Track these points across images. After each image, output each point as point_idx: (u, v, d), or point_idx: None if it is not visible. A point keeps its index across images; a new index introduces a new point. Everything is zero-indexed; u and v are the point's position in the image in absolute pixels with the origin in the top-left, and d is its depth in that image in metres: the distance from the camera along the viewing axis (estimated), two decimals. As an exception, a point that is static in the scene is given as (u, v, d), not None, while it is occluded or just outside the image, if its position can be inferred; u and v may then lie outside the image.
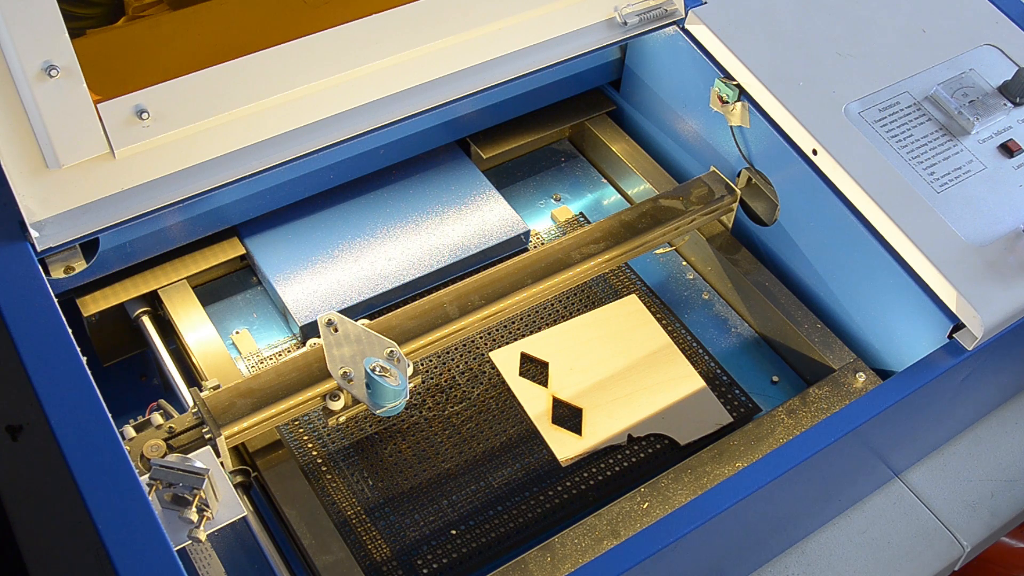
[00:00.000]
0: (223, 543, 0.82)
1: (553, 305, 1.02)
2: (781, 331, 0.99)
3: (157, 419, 0.82)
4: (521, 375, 0.95)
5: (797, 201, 0.98)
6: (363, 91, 0.91)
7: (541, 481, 0.89)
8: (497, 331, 0.99)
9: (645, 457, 0.90)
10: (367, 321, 0.87)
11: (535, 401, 0.93)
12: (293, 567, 0.81)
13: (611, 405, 0.93)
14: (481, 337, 0.98)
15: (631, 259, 0.99)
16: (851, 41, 1.01)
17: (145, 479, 0.72)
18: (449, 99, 0.95)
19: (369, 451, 0.90)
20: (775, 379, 0.98)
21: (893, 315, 0.92)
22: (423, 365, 0.96)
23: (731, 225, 1.05)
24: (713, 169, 1.04)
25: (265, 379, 0.83)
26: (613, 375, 0.95)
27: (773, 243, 1.02)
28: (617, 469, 0.89)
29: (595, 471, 0.89)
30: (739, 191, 1.02)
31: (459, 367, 0.96)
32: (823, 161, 0.93)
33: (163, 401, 0.87)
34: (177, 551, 0.66)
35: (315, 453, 0.89)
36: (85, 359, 0.74)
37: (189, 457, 0.75)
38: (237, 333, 0.97)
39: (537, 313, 1.01)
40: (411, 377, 0.86)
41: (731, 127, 1.02)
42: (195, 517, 0.73)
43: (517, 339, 0.98)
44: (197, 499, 0.73)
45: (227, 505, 0.76)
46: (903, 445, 0.94)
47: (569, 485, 0.88)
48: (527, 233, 1.04)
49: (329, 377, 0.83)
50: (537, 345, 0.98)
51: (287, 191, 1.01)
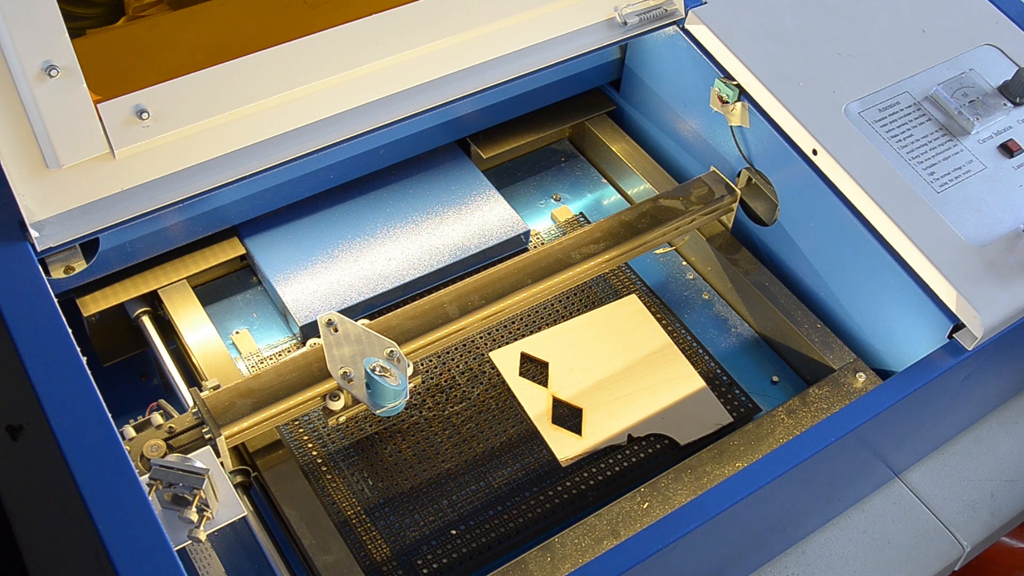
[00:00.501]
0: (223, 543, 0.82)
1: (553, 305, 1.02)
2: (781, 331, 0.99)
3: (157, 419, 0.82)
4: (521, 375, 0.95)
5: (797, 201, 0.98)
6: (363, 91, 0.91)
7: (541, 481, 0.89)
8: (497, 331, 0.99)
9: (645, 457, 0.90)
10: (367, 321, 0.87)
11: (535, 401, 0.93)
12: (293, 567, 0.81)
13: (611, 405, 0.93)
14: (481, 337, 0.98)
15: (631, 259, 0.99)
16: (851, 41, 1.01)
17: (145, 479, 0.72)
18: (449, 99, 0.95)
19: (369, 451, 0.90)
20: (775, 379, 0.98)
21: (893, 315, 0.92)
22: (423, 365, 0.96)
23: (731, 225, 1.05)
24: (713, 169, 1.04)
25: (265, 379, 0.83)
26: (613, 375, 0.95)
27: (773, 243, 1.02)
28: (617, 469, 0.89)
29: (595, 471, 0.89)
30: (739, 191, 1.02)
31: (459, 367, 0.96)
32: (823, 161, 0.93)
33: (163, 401, 0.87)
34: (177, 551, 0.66)
35: (315, 453, 0.89)
36: (85, 359, 0.74)
37: (189, 457, 0.75)
38: (237, 333, 0.98)
39: (537, 313, 1.01)
40: (411, 377, 0.86)
41: (731, 127, 1.02)
42: (195, 517, 0.73)
43: (517, 339, 0.98)
44: (197, 499, 0.73)
45: (227, 505, 0.76)
46: (903, 445, 0.94)
47: (569, 485, 0.88)
48: (527, 233, 1.04)
49: (329, 377, 0.83)
50: (537, 345, 0.98)
51: (287, 191, 1.01)
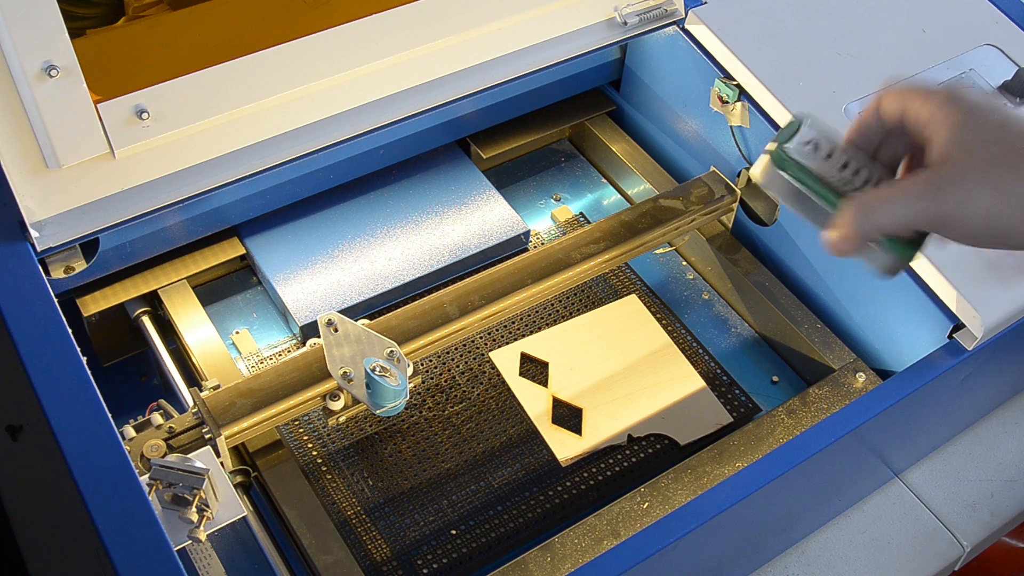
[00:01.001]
0: (223, 543, 0.82)
1: (553, 305, 1.02)
2: (781, 331, 0.99)
3: (157, 419, 0.82)
4: (521, 375, 0.95)
5: (797, 201, 0.98)
6: (363, 91, 0.91)
7: (541, 481, 0.89)
8: (497, 331, 0.99)
9: (645, 457, 0.90)
10: (367, 321, 0.87)
11: (535, 401, 0.93)
12: (293, 567, 0.81)
13: (611, 405, 0.93)
14: (481, 337, 0.98)
15: (631, 259, 0.99)
16: (851, 41, 1.01)
17: (145, 479, 0.72)
18: (449, 99, 0.95)
19: (369, 451, 0.90)
20: (775, 379, 0.98)
21: (893, 315, 0.92)
22: (423, 365, 0.96)
23: (731, 225, 1.05)
24: (713, 169, 1.04)
25: (265, 379, 0.83)
26: (613, 375, 0.95)
27: (773, 243, 1.02)
28: (617, 469, 0.89)
29: (595, 471, 0.89)
30: (739, 191, 1.02)
31: (459, 367, 0.96)
32: (823, 161, 0.93)
33: (163, 401, 0.87)
34: (177, 551, 0.66)
35: (315, 453, 0.89)
36: (85, 359, 0.74)
37: (189, 457, 0.75)
38: (237, 333, 0.98)
39: (537, 313, 1.01)
40: (411, 377, 0.86)
41: (731, 127, 1.02)
42: (195, 517, 0.73)
43: (517, 339, 0.98)
44: (197, 499, 0.73)
45: (227, 505, 0.76)
46: (903, 445, 0.94)
47: (569, 485, 0.88)
48: (527, 233, 1.04)
49: (329, 377, 0.83)
50: (537, 345, 0.98)
51: (287, 191, 1.01)
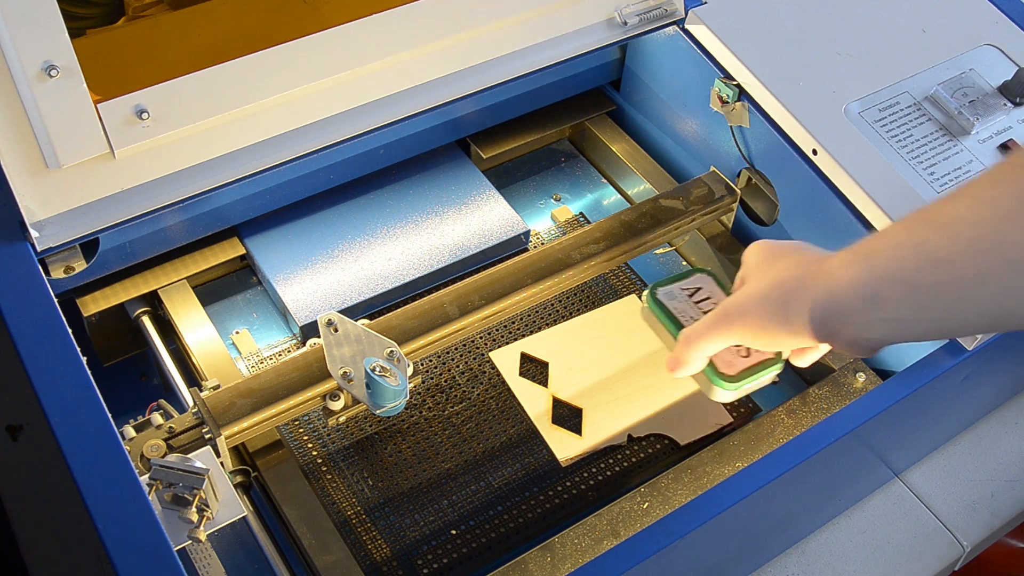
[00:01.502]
0: (223, 543, 0.82)
1: (553, 305, 1.02)
2: (781, 331, 0.98)
3: (157, 419, 0.82)
4: (521, 375, 0.95)
5: (797, 201, 0.98)
6: (363, 91, 0.91)
7: (541, 481, 0.89)
8: (497, 331, 0.99)
9: (645, 457, 0.90)
10: (367, 321, 0.87)
11: (535, 401, 0.93)
12: (293, 567, 0.81)
13: (611, 405, 0.93)
14: (481, 337, 0.98)
15: (631, 259, 0.99)
16: (851, 41, 1.01)
17: (145, 479, 0.72)
18: (449, 99, 0.95)
19: (369, 451, 0.90)
20: (775, 379, 0.98)
21: (893, 315, 0.92)
22: (423, 365, 0.96)
23: (731, 225, 1.05)
24: (713, 169, 1.04)
25: (265, 379, 0.83)
26: (613, 375, 0.95)
27: (773, 243, 1.02)
28: (617, 469, 0.89)
29: (595, 471, 0.89)
30: (739, 191, 1.02)
31: (459, 367, 0.96)
32: (823, 161, 0.93)
33: (163, 401, 0.87)
34: (177, 551, 0.66)
35: (315, 453, 0.89)
36: (85, 359, 0.74)
37: (189, 457, 0.75)
38: (237, 333, 0.98)
39: (537, 313, 1.01)
40: (411, 377, 0.86)
41: (731, 127, 1.02)
42: (195, 517, 0.73)
43: (517, 339, 0.98)
44: (197, 499, 0.73)
45: (227, 505, 0.76)
46: (903, 445, 0.94)
47: (569, 485, 0.88)
48: (527, 233, 1.04)
49: (329, 377, 0.83)
50: (537, 345, 0.98)
51: (287, 191, 1.01)
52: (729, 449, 0.85)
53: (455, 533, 0.85)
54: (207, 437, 0.80)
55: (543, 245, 0.98)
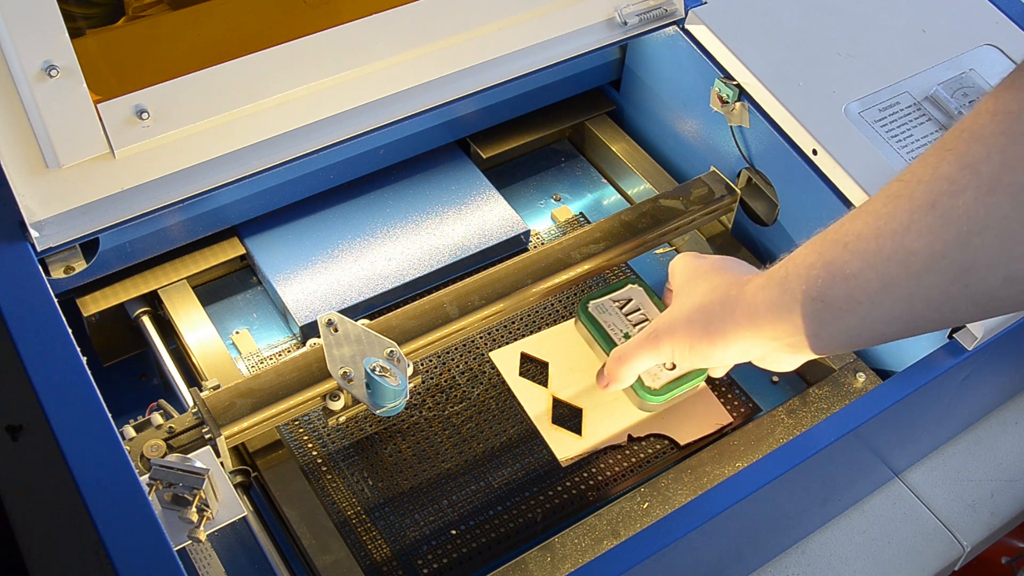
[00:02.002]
0: (223, 543, 0.82)
1: (553, 305, 1.02)
2: (781, 331, 0.98)
3: (157, 419, 0.82)
4: (521, 375, 0.95)
5: (797, 201, 0.98)
6: (363, 91, 0.91)
7: (541, 481, 0.89)
8: (497, 331, 0.99)
9: (645, 457, 0.90)
10: (367, 321, 0.87)
11: (535, 401, 0.93)
12: (293, 567, 0.81)
13: (611, 405, 0.93)
14: (481, 337, 0.98)
15: (631, 259, 0.99)
16: (851, 41, 1.01)
17: (145, 479, 0.72)
18: (449, 99, 0.95)
19: (369, 451, 0.90)
20: (775, 379, 0.98)
21: (893, 315, 0.92)
22: (423, 365, 0.96)
23: (731, 225, 1.05)
24: (713, 169, 1.04)
25: (265, 379, 0.83)
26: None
27: (773, 243, 1.02)
28: (617, 469, 0.89)
29: (595, 471, 0.89)
30: (739, 191, 1.02)
31: (459, 367, 0.96)
32: (823, 161, 0.93)
33: (163, 401, 0.87)
34: (177, 551, 0.66)
35: (315, 453, 0.89)
36: (85, 359, 0.74)
37: (189, 457, 0.75)
38: (237, 333, 0.98)
39: (537, 313, 1.01)
40: (411, 377, 0.86)
41: (731, 127, 1.02)
42: (195, 517, 0.73)
43: (517, 339, 0.98)
44: (197, 499, 0.73)
45: (227, 505, 0.76)
46: (903, 445, 0.94)
47: (569, 485, 0.88)
48: (527, 233, 1.04)
49: (329, 377, 0.83)
50: (537, 345, 0.98)
51: (287, 191, 1.01)
52: (729, 449, 0.85)
53: (455, 533, 0.85)
54: (207, 437, 0.80)
55: (543, 245, 0.98)
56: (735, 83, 0.99)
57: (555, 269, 0.93)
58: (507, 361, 0.96)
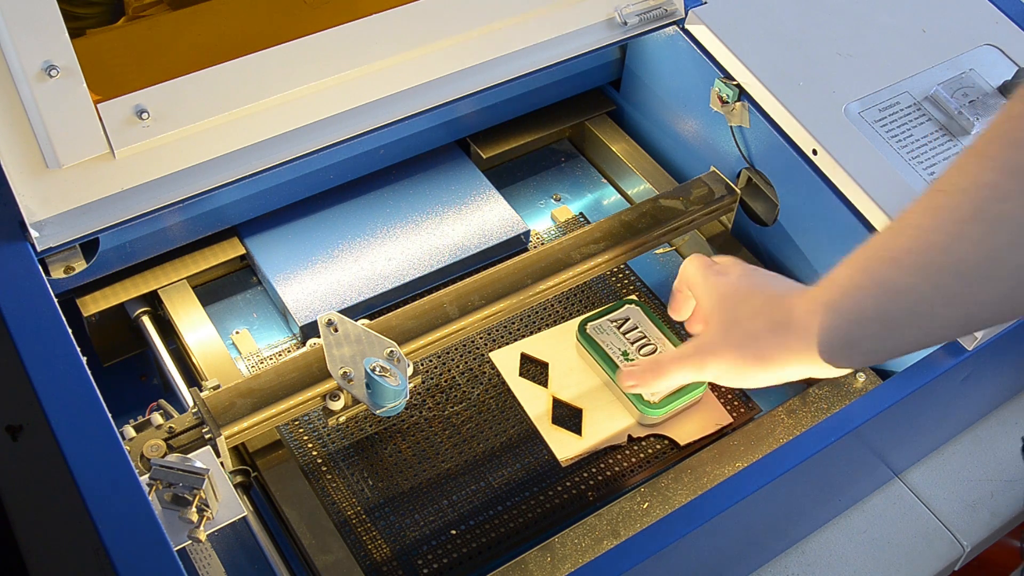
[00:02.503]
0: (223, 543, 0.82)
1: (553, 305, 1.02)
2: (781, 331, 0.98)
3: (157, 419, 0.82)
4: (521, 375, 0.95)
5: (797, 201, 0.98)
6: (363, 91, 0.91)
7: (541, 481, 0.89)
8: (497, 331, 0.99)
9: (645, 457, 0.90)
10: (367, 321, 0.87)
11: (535, 401, 0.93)
12: (293, 567, 0.81)
13: (611, 405, 0.93)
14: (481, 337, 0.98)
15: (631, 259, 0.99)
16: (851, 41, 1.01)
17: (145, 479, 0.72)
18: (449, 99, 0.95)
19: (369, 451, 0.90)
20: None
21: (893, 315, 0.92)
22: (423, 365, 0.96)
23: (731, 225, 1.05)
24: (713, 169, 1.04)
25: (265, 379, 0.83)
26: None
27: (773, 243, 1.02)
28: (617, 469, 0.89)
29: (595, 471, 0.89)
30: (739, 191, 1.02)
31: (459, 367, 0.96)
32: (823, 161, 0.93)
33: (163, 401, 0.87)
34: (177, 551, 0.66)
35: (315, 453, 0.89)
36: (85, 359, 0.74)
37: (189, 457, 0.75)
38: (237, 333, 0.98)
39: (537, 313, 1.01)
40: (411, 377, 0.86)
41: (731, 127, 1.02)
42: (195, 517, 0.73)
43: (517, 339, 0.98)
44: (197, 499, 0.73)
45: (227, 505, 0.76)
46: (903, 445, 0.94)
47: (569, 485, 0.88)
48: (527, 233, 1.04)
49: (329, 377, 0.83)
50: (537, 345, 0.98)
51: (287, 191, 1.01)
52: (729, 449, 0.85)
53: (455, 533, 0.85)
54: (207, 437, 0.80)
55: (543, 245, 0.98)
56: (735, 83, 0.99)
57: (555, 269, 0.93)
58: (507, 361, 0.96)
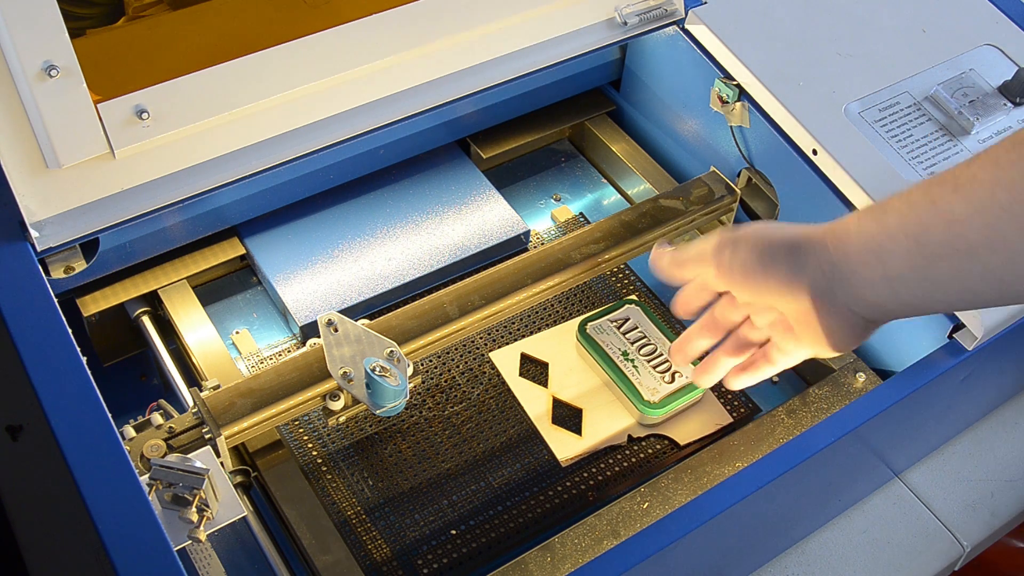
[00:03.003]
0: (223, 543, 0.82)
1: (553, 305, 1.02)
2: (781, 331, 0.98)
3: (157, 419, 0.82)
4: (521, 375, 0.95)
5: (797, 201, 0.98)
6: (363, 91, 0.91)
7: (541, 481, 0.89)
8: (497, 331, 0.99)
9: (645, 457, 0.90)
10: (367, 321, 0.87)
11: (535, 401, 0.93)
12: (293, 567, 0.81)
13: (611, 405, 0.93)
14: (481, 337, 0.98)
15: (631, 259, 0.99)
16: (851, 41, 1.01)
17: (145, 479, 0.72)
18: (449, 99, 0.95)
19: (369, 451, 0.90)
20: (775, 379, 0.98)
21: (893, 315, 0.92)
22: (423, 365, 0.96)
23: (731, 225, 1.05)
24: (713, 169, 1.04)
25: (265, 379, 0.83)
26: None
27: (773, 243, 1.02)
28: (617, 469, 0.89)
29: (595, 471, 0.89)
30: (739, 191, 1.02)
31: (459, 367, 0.96)
32: (823, 161, 0.93)
33: (163, 401, 0.87)
34: (177, 551, 0.66)
35: (315, 453, 0.89)
36: (85, 359, 0.74)
37: (189, 457, 0.75)
38: (237, 333, 0.97)
39: (537, 313, 1.01)
40: (411, 377, 0.86)
41: (731, 127, 1.02)
42: (195, 517, 0.73)
43: (517, 339, 0.98)
44: (197, 499, 0.73)
45: (227, 505, 0.76)
46: (903, 445, 0.94)
47: (569, 485, 0.88)
48: (527, 233, 1.04)
49: (329, 377, 0.83)
50: (537, 345, 0.97)
51: (287, 191, 1.01)
52: (729, 449, 0.85)
53: (455, 533, 0.85)
54: (207, 437, 0.80)
55: (543, 245, 0.98)
56: (735, 83, 0.99)
57: (555, 269, 0.93)
58: (507, 361, 0.96)
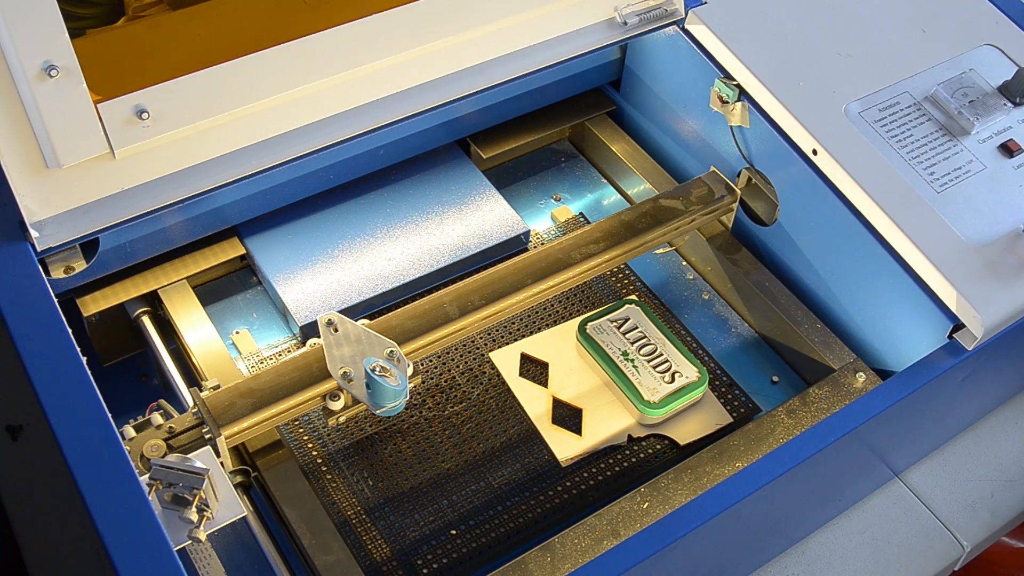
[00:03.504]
0: (223, 543, 0.82)
1: (553, 305, 1.02)
2: (781, 331, 0.99)
3: (157, 419, 0.82)
4: (521, 375, 0.95)
5: (797, 201, 0.98)
6: (363, 91, 0.91)
7: (541, 481, 0.89)
8: (497, 331, 0.99)
9: (645, 457, 0.90)
10: (367, 321, 0.87)
11: (535, 401, 0.93)
12: (293, 567, 0.81)
13: (611, 405, 0.93)
14: (481, 337, 0.98)
15: (631, 259, 0.99)
16: (851, 41, 1.01)
17: (145, 479, 0.72)
18: (449, 99, 0.95)
19: (369, 451, 0.90)
20: (775, 379, 0.98)
21: (893, 315, 0.92)
22: (423, 365, 0.96)
23: (731, 225, 1.05)
24: (713, 169, 1.04)
25: (265, 379, 0.83)
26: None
27: (773, 243, 1.02)
28: (617, 469, 0.89)
29: (595, 471, 0.89)
30: (739, 191, 1.02)
31: (459, 367, 0.96)
32: (823, 161, 0.93)
33: (163, 401, 0.87)
34: (177, 551, 0.66)
35: (315, 453, 0.89)
36: (85, 359, 0.74)
37: (189, 457, 0.75)
38: (237, 333, 0.98)
39: (537, 313, 1.01)
40: (411, 377, 0.86)
41: (731, 127, 1.02)
42: (195, 517, 0.73)
43: (517, 339, 0.98)
44: (197, 499, 0.73)
45: (227, 505, 0.76)
46: (903, 445, 0.94)
47: (569, 485, 0.88)
48: (527, 233, 1.04)
49: (329, 377, 0.83)
50: (537, 345, 0.97)
51: (287, 191, 1.01)
52: (729, 449, 0.85)
53: (455, 533, 0.85)
54: (207, 437, 0.80)
55: (543, 245, 0.98)
56: (735, 83, 0.99)
57: (555, 269, 0.93)
58: (507, 361, 0.96)
